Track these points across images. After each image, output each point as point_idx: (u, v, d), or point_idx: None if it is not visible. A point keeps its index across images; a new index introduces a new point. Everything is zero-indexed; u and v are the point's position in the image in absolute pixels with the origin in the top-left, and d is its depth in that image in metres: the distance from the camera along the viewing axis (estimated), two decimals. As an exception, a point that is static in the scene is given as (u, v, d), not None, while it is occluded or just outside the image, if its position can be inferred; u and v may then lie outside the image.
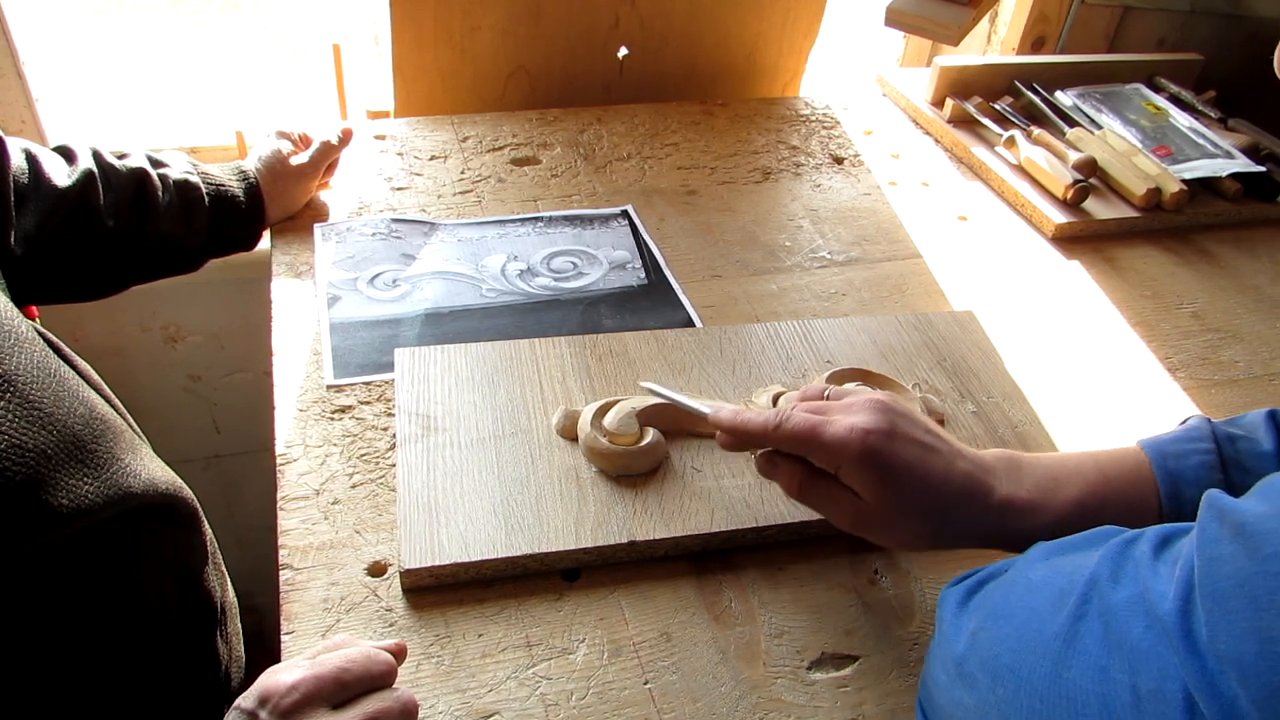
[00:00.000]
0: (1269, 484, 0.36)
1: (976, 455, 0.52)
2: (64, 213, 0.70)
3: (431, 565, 0.56)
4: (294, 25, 1.38)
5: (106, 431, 0.50)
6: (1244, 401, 0.78)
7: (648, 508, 0.60)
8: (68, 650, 0.48)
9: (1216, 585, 0.33)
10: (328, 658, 0.46)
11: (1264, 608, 0.31)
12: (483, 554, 0.56)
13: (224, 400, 1.29)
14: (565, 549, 0.57)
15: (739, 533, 0.60)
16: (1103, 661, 0.36)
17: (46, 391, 0.46)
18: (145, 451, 0.55)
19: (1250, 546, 0.33)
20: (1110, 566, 0.39)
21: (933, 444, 0.51)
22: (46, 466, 0.44)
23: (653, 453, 0.63)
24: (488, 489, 0.61)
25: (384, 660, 0.47)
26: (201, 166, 0.81)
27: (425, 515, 0.59)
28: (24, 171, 0.69)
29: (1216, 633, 0.32)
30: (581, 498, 0.61)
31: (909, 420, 0.52)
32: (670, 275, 0.86)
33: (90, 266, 0.75)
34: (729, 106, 1.16)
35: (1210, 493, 0.37)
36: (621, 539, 0.58)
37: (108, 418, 0.51)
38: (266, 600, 1.47)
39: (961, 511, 0.50)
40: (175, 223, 0.77)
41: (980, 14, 0.79)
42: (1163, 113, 1.13)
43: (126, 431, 0.53)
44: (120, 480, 0.49)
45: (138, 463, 0.52)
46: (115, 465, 0.49)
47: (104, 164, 0.75)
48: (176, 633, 0.56)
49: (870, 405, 0.52)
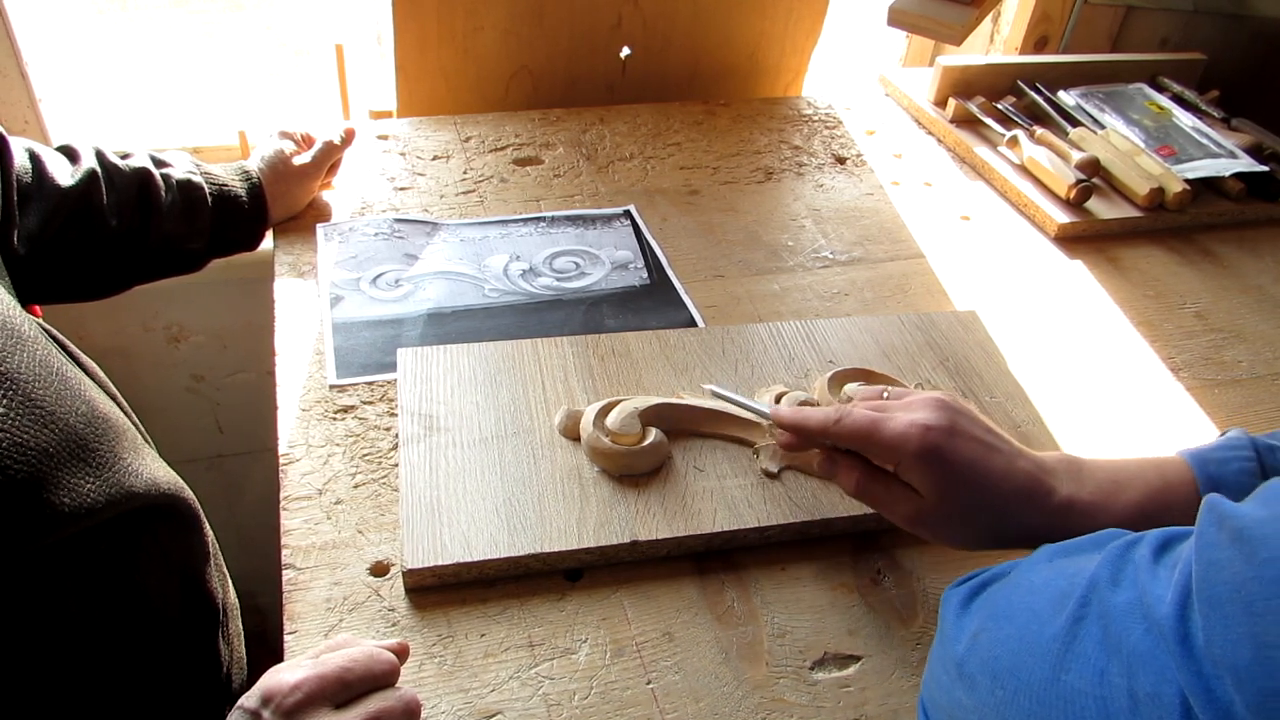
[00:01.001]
0: (1269, 488, 0.36)
1: (1037, 456, 0.52)
2: (67, 212, 0.70)
3: (434, 565, 0.56)
4: (297, 25, 1.38)
5: (109, 431, 0.50)
6: (1247, 401, 0.78)
7: (650, 508, 0.60)
8: (69, 650, 0.48)
9: (1213, 590, 0.33)
10: (330, 657, 0.46)
11: (1259, 613, 0.31)
12: (485, 554, 0.56)
13: (227, 400, 1.29)
14: (568, 549, 0.57)
15: (741, 532, 0.60)
16: (1101, 664, 0.36)
17: (49, 390, 0.46)
18: (148, 452, 0.54)
19: (1247, 551, 0.33)
20: (1110, 570, 0.39)
21: (994, 443, 0.51)
22: (49, 465, 0.44)
23: (655, 452, 0.63)
24: (490, 489, 0.61)
25: (387, 660, 0.47)
26: (204, 167, 0.81)
27: (428, 515, 0.59)
28: (27, 171, 0.69)
29: (1213, 638, 0.32)
30: (584, 497, 0.61)
31: (969, 418, 0.52)
32: (673, 275, 0.86)
33: (93, 266, 0.75)
34: (731, 106, 1.16)
35: (1210, 497, 0.37)
36: (624, 539, 0.58)
37: (111, 416, 0.51)
38: (269, 600, 1.47)
39: (1022, 511, 0.50)
40: (178, 223, 0.77)
41: (983, 14, 0.79)
42: (1166, 112, 1.13)
43: (130, 430, 0.53)
44: (122, 480, 0.49)
45: (140, 462, 0.52)
46: (118, 465, 0.49)
47: (107, 164, 0.75)
48: (178, 633, 0.56)
49: (931, 403, 0.52)
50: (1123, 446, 0.72)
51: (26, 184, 0.69)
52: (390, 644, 0.49)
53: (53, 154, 0.73)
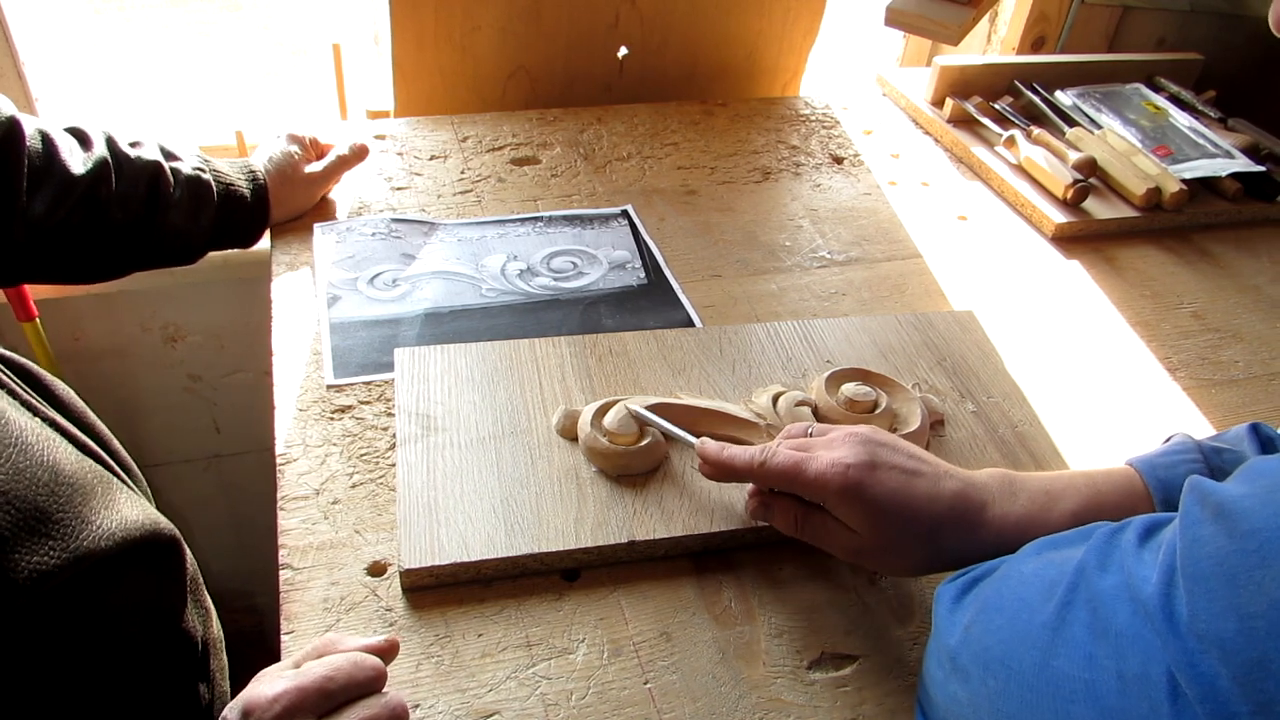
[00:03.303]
0: (1249, 467, 0.37)
1: (966, 474, 0.52)
2: (74, 200, 0.70)
3: (431, 565, 0.56)
4: (294, 25, 1.37)
5: (75, 493, 0.47)
6: (1244, 401, 0.78)
7: (647, 507, 0.60)
8: (34, 703, 0.46)
9: (1197, 566, 0.34)
10: (313, 666, 0.44)
11: (1241, 584, 0.32)
12: (482, 554, 0.56)
13: (224, 400, 1.29)
14: (565, 549, 0.57)
15: (738, 533, 0.60)
16: (1089, 649, 0.36)
17: (5, 466, 0.43)
18: (123, 496, 0.51)
19: (1228, 526, 0.33)
20: (1097, 555, 0.39)
21: (916, 468, 0.51)
22: (4, 547, 0.42)
23: (652, 453, 0.63)
24: (487, 489, 0.61)
25: (371, 665, 0.45)
26: (213, 163, 0.81)
27: (425, 515, 0.59)
28: (39, 154, 0.68)
29: (1197, 612, 0.33)
30: (581, 497, 0.61)
31: (890, 449, 0.52)
32: (670, 275, 0.86)
33: (93, 253, 0.74)
34: (729, 106, 1.16)
35: (1193, 478, 0.38)
36: (621, 539, 0.58)
37: (77, 476, 0.48)
38: (267, 600, 1.47)
39: (955, 531, 0.50)
40: (183, 218, 0.77)
41: (980, 14, 0.79)
42: (1162, 112, 1.13)
43: (103, 479, 0.50)
44: (85, 542, 0.46)
45: (110, 515, 0.49)
46: (82, 528, 0.46)
47: (119, 154, 0.74)
48: (153, 677, 0.54)
49: (850, 439, 0.52)
50: (1120, 446, 0.72)
51: (37, 168, 0.68)
52: (376, 643, 0.47)
53: (65, 138, 0.72)
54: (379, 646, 0.47)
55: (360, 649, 0.47)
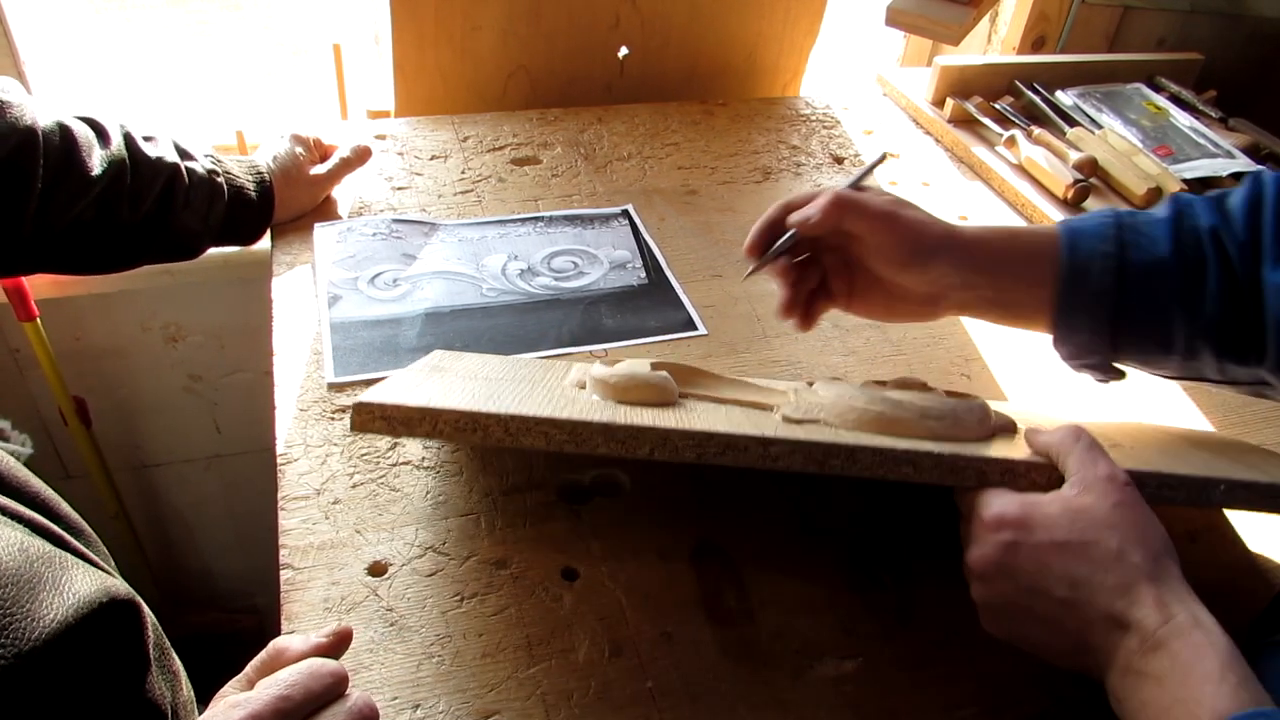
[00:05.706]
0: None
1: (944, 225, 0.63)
2: (88, 198, 0.70)
3: (387, 403, 0.51)
4: (294, 25, 1.37)
5: (19, 591, 0.43)
6: (1244, 400, 0.78)
7: (642, 416, 0.54)
8: None
9: None
10: (266, 686, 0.42)
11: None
12: (445, 405, 0.51)
13: (224, 400, 1.29)
14: (532, 415, 0.51)
15: (740, 439, 0.51)
16: None
17: None
18: (73, 572, 0.46)
19: None
20: None
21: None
22: None
23: (663, 385, 0.57)
24: (477, 390, 0.56)
25: (328, 673, 0.43)
26: (223, 163, 0.81)
27: (398, 379, 0.56)
28: (57, 151, 0.68)
29: None
30: (574, 400, 0.56)
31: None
32: (671, 275, 0.86)
33: (101, 249, 0.75)
34: (729, 106, 1.16)
35: None
36: (599, 418, 0.52)
37: (20, 569, 0.43)
38: (267, 600, 1.47)
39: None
40: (193, 218, 0.78)
41: (981, 14, 0.79)
42: (1163, 112, 1.13)
43: (47, 563, 0.45)
44: (33, 637, 0.42)
45: (59, 597, 0.44)
46: (31, 626, 0.42)
47: (136, 153, 0.74)
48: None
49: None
50: (1120, 446, 0.72)
51: (54, 167, 0.68)
52: (325, 642, 0.45)
53: (84, 133, 0.72)
54: (328, 645, 0.45)
55: (310, 650, 0.45)
